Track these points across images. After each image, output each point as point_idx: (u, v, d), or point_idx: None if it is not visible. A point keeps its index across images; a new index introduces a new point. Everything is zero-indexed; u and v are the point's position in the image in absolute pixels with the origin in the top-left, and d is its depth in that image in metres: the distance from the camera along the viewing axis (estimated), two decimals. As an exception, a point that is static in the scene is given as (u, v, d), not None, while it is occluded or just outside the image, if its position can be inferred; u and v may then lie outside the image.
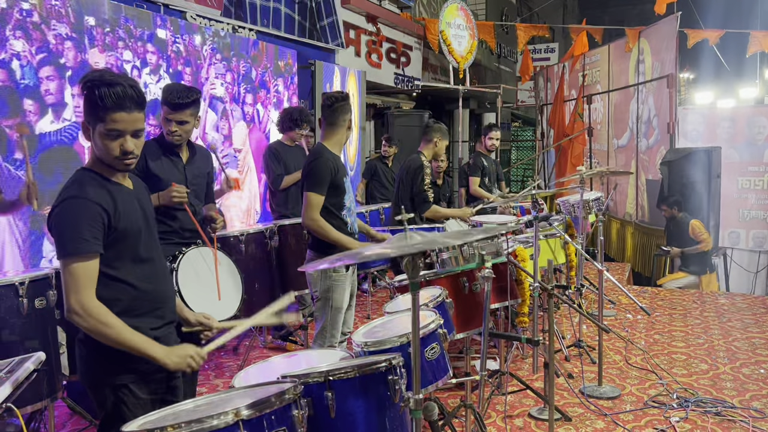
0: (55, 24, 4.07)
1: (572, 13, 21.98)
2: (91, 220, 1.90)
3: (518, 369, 4.35)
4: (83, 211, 1.90)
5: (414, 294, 1.70)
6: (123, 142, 1.94)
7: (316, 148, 3.48)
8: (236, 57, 5.72)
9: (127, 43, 4.57)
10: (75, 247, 1.88)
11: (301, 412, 1.71)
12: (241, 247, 4.06)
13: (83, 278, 1.88)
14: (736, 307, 6.10)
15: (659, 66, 8.28)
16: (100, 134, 1.94)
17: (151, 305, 2.08)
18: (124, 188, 2.06)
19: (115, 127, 1.92)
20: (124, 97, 1.91)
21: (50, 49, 4.09)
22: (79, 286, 1.87)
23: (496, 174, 7.02)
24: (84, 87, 1.93)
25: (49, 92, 4.10)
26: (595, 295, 5.83)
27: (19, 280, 2.90)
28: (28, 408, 2.83)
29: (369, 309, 5.91)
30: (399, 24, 10.70)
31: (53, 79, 4.12)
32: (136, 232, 2.04)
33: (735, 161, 7.93)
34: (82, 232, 1.88)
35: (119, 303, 1.99)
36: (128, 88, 1.92)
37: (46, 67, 4.08)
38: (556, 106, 10.61)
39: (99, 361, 2.01)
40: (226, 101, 5.60)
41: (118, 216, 1.97)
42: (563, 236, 4.28)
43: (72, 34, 4.21)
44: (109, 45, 4.45)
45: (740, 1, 14.11)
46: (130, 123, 1.94)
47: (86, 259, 1.89)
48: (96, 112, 1.92)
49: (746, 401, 3.83)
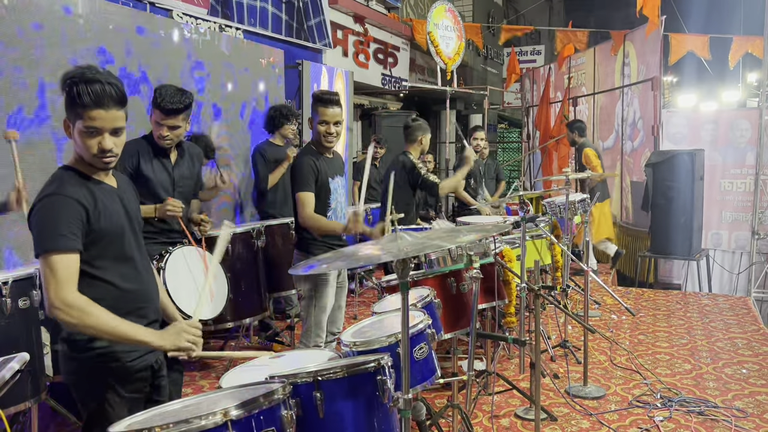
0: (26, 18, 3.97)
1: (558, 16, 22.12)
2: (69, 217, 1.89)
3: (504, 369, 4.37)
4: (62, 207, 1.89)
5: (404, 294, 1.71)
6: (101, 140, 1.93)
7: (301, 149, 3.49)
8: (217, 56, 5.65)
9: (103, 40, 4.48)
10: (53, 243, 1.86)
11: (289, 413, 1.70)
12: (227, 247, 4.04)
13: (62, 273, 1.86)
14: (718, 308, 6.18)
15: (644, 69, 8.35)
16: (79, 131, 1.93)
17: (135, 305, 2.07)
18: (106, 186, 2.05)
19: (93, 125, 1.91)
20: (103, 95, 1.89)
21: (21, 45, 3.98)
22: (59, 281, 1.85)
23: (495, 174, 7.04)
24: (64, 84, 1.92)
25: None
26: (581, 295, 5.87)
27: (2, 280, 2.87)
28: (11, 409, 2.80)
29: (356, 309, 5.91)
30: (386, 24, 10.71)
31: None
32: (118, 230, 2.02)
33: (718, 164, 8.02)
34: (61, 228, 1.87)
35: (102, 302, 1.97)
36: (107, 86, 1.91)
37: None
38: (542, 108, 10.67)
39: (81, 360, 1.99)
40: (205, 101, 5.53)
41: (98, 214, 1.96)
42: (549, 237, 4.31)
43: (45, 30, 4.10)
44: (88, 40, 4.36)
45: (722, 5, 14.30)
46: (108, 121, 1.93)
47: (65, 255, 1.87)
48: (75, 109, 1.91)
49: (729, 401, 3.87)
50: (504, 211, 6.09)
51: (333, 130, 3.38)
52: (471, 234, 2.15)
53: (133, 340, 1.90)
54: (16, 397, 2.81)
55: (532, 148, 12.08)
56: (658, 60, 7.86)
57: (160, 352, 2.17)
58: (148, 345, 1.93)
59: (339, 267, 3.10)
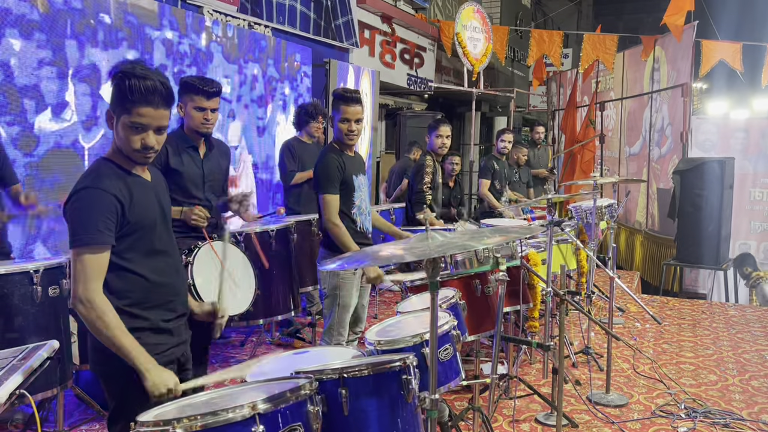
0: (55, 22, 4.05)
1: (586, 19, 21.90)
2: (105, 211, 1.91)
3: (524, 374, 4.34)
4: (98, 201, 1.91)
5: (433, 294, 1.70)
6: (145, 136, 1.95)
7: (324, 148, 3.50)
8: (242, 56, 5.69)
9: (131, 42, 4.54)
10: (88, 238, 1.88)
11: (316, 408, 1.71)
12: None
13: (93, 269, 1.89)
14: (745, 319, 6.06)
15: (674, 74, 8.24)
16: (123, 125, 1.94)
17: (164, 298, 2.08)
18: (142, 180, 2.07)
19: (140, 121, 1.93)
20: (154, 92, 1.91)
21: (52, 48, 4.06)
22: (88, 276, 1.88)
23: (523, 180, 6.96)
24: (115, 77, 1.93)
25: (51, 91, 4.08)
26: (604, 302, 5.81)
27: (34, 268, 2.91)
28: (38, 395, 2.84)
29: (377, 308, 5.91)
30: (413, 25, 10.69)
31: (53, 79, 4.09)
32: (150, 224, 2.04)
33: (748, 173, 7.88)
34: (96, 223, 1.89)
35: (131, 294, 1.99)
36: (159, 84, 1.93)
37: (47, 67, 4.05)
38: (569, 112, 10.58)
39: (109, 351, 2.01)
40: (231, 100, 5.57)
41: (133, 208, 1.98)
42: (575, 242, 4.27)
43: (75, 32, 4.19)
44: (112, 43, 4.42)
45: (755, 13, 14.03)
46: (155, 119, 1.95)
47: (98, 251, 1.90)
48: (123, 102, 1.92)
49: (755, 414, 3.80)
50: (528, 215, 6.03)
51: (354, 128, 3.38)
52: (498, 236, 2.14)
53: (129, 359, 1.90)
54: (44, 384, 2.84)
55: (558, 152, 11.98)
56: (689, 66, 7.75)
57: (186, 346, 2.20)
58: (137, 369, 1.90)
59: (365, 266, 3.12)
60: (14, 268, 2.88)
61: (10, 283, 2.85)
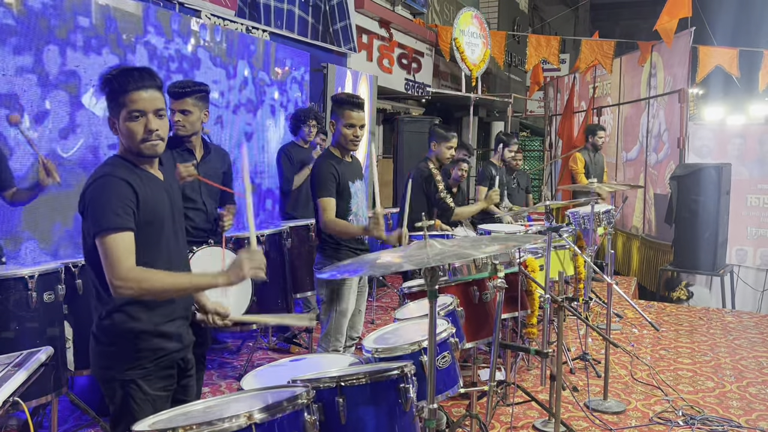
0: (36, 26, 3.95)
1: (584, 25, 21.97)
2: (123, 197, 1.92)
3: (522, 380, 4.32)
4: (116, 188, 1.92)
5: (432, 302, 1.69)
6: (146, 121, 1.97)
7: (320, 155, 3.50)
8: (230, 61, 5.65)
9: (113, 49, 4.46)
10: (108, 222, 1.88)
11: (313, 418, 1.69)
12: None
13: (120, 250, 1.87)
14: (742, 326, 6.06)
15: (671, 80, 8.25)
16: (124, 120, 1.96)
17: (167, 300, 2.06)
18: (155, 177, 2.08)
19: (136, 107, 1.95)
20: (139, 77, 1.95)
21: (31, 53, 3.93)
22: (115, 259, 1.86)
23: (525, 186, 6.95)
24: (103, 82, 1.96)
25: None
26: (602, 308, 5.80)
27: (28, 274, 2.89)
28: (33, 402, 2.82)
29: (373, 314, 5.89)
30: (411, 30, 10.69)
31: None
32: (160, 221, 2.04)
33: (744, 178, 7.89)
34: (115, 208, 1.89)
35: None
36: (141, 70, 1.98)
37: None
38: (566, 117, 10.59)
39: (109, 356, 2.00)
40: (219, 106, 5.52)
41: (146, 202, 1.98)
42: (573, 248, 4.26)
43: (55, 38, 4.05)
44: (94, 48, 4.35)
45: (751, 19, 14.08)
46: (149, 101, 1.96)
47: (120, 233, 1.89)
48: (116, 98, 1.95)
49: (753, 421, 3.79)
50: (526, 221, 6.02)
51: (359, 134, 3.37)
52: (496, 243, 2.13)
53: (198, 288, 1.95)
54: (39, 391, 2.82)
55: (554, 157, 11.99)
56: (686, 72, 7.76)
57: (188, 350, 2.17)
58: (215, 287, 1.93)
59: (363, 274, 3.10)
60: (8, 274, 2.87)
61: (4, 288, 2.83)
